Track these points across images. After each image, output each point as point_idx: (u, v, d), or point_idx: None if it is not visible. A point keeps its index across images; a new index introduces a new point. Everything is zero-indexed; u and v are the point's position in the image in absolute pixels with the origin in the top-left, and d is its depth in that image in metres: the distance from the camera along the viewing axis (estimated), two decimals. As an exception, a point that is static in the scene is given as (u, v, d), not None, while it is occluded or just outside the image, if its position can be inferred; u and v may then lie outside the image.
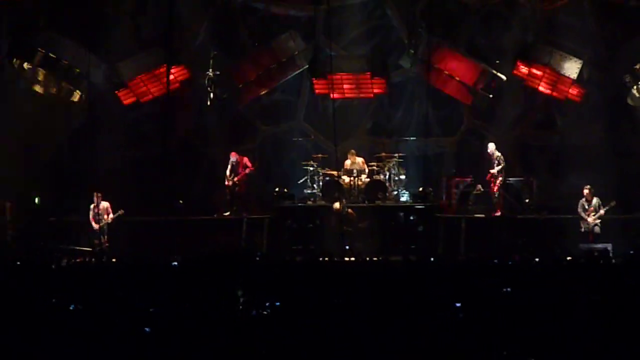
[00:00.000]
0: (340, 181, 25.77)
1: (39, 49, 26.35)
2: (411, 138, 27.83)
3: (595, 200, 23.75)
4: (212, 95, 27.02)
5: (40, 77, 26.47)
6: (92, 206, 24.03)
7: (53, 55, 26.38)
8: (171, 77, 25.94)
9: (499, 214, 25.24)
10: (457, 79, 26.92)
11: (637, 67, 26.04)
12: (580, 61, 26.01)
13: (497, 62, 27.26)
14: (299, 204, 25.93)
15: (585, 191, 23.80)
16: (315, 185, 26.12)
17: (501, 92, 27.10)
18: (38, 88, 26.61)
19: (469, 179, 26.46)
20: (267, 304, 11.31)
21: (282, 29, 27.99)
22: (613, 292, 12.06)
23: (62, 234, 25.15)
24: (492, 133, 27.56)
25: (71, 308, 11.49)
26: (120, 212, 24.07)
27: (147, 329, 10.18)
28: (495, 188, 25.19)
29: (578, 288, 12.49)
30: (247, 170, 25.95)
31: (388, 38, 28.55)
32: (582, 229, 23.75)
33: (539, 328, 10.23)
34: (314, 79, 27.08)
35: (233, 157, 26.01)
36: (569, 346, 9.95)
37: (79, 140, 27.26)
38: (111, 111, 26.80)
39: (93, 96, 26.77)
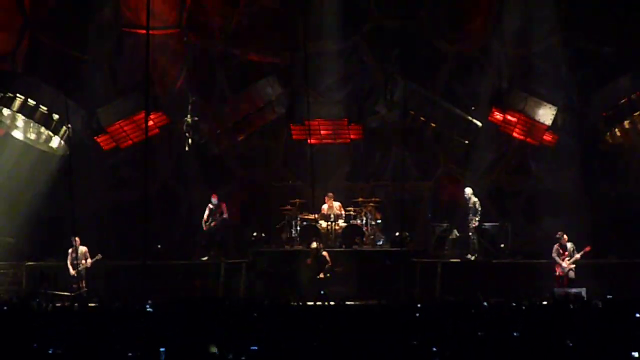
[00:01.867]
0: (318, 226, 25.90)
1: (18, 95, 26.31)
2: (388, 183, 27.99)
3: (569, 245, 23.94)
4: (190, 140, 27.18)
5: (19, 124, 26.50)
6: (70, 250, 23.93)
7: (32, 102, 26.34)
8: (150, 122, 26.02)
9: (474, 258, 25.44)
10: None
11: (606, 114, 26.39)
12: (554, 107, 26.24)
13: (473, 108, 27.55)
14: (277, 249, 26.00)
15: (560, 236, 24.02)
16: (292, 230, 26.18)
17: (477, 137, 27.36)
18: (17, 134, 26.62)
19: (445, 224, 26.69)
20: (243, 349, 11.39)
21: (260, 76, 28.19)
22: (591, 336, 12.17)
23: (41, 278, 25.07)
24: (467, 178, 27.81)
25: (50, 352, 11.53)
26: (99, 256, 24.03)
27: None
28: (471, 232, 25.45)
29: (553, 332, 12.63)
30: (223, 216, 26.10)
31: (364, 84, 28.80)
32: (557, 274, 23.95)
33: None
34: (291, 124, 27.30)
35: (214, 199, 26.15)
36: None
37: (57, 185, 27.24)
38: (90, 157, 26.88)
39: (72, 142, 26.77)
